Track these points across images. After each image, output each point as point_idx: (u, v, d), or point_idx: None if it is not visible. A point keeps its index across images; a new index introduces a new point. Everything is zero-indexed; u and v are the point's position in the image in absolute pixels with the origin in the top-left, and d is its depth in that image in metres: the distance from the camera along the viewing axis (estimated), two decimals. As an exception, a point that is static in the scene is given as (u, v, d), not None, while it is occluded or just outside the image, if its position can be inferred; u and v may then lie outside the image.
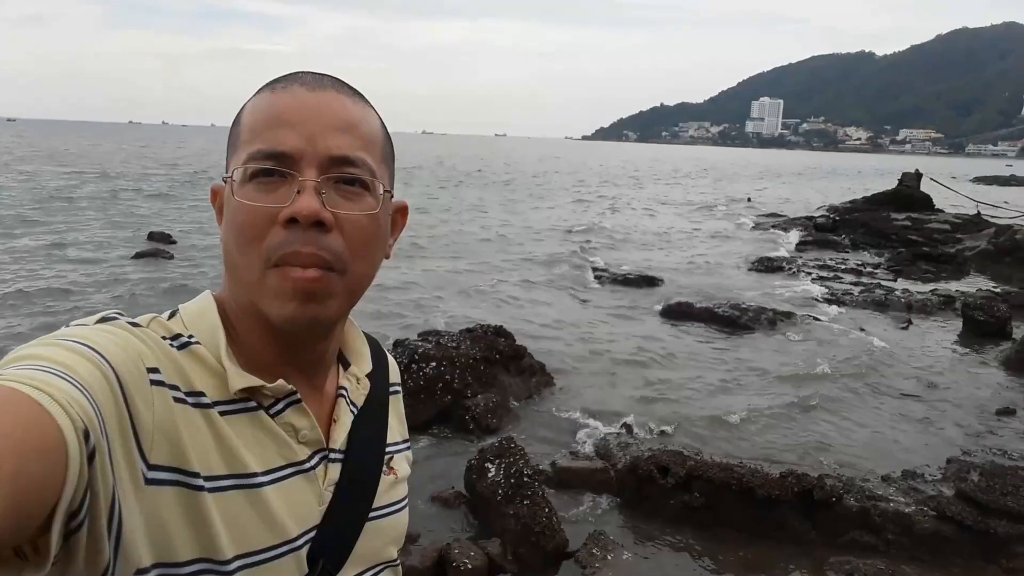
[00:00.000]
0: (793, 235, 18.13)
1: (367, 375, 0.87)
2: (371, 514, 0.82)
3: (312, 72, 0.77)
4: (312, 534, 0.75)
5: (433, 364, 5.83)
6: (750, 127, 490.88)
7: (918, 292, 11.33)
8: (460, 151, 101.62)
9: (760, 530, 4.27)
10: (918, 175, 21.58)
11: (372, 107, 0.80)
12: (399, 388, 0.96)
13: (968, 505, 4.19)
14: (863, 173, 69.61)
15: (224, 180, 0.75)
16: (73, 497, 0.51)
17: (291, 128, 0.72)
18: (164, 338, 0.71)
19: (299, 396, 0.76)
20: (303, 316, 0.72)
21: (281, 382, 0.75)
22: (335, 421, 0.81)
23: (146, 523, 0.63)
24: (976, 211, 19.32)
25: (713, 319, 9.32)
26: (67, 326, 0.66)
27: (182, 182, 28.97)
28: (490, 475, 4.22)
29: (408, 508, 0.91)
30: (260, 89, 0.77)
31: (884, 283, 12.36)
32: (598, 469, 4.87)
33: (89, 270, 11.20)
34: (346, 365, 0.87)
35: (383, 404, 0.90)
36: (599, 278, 12.20)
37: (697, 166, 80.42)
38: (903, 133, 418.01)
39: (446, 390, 5.76)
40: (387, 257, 0.81)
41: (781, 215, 23.43)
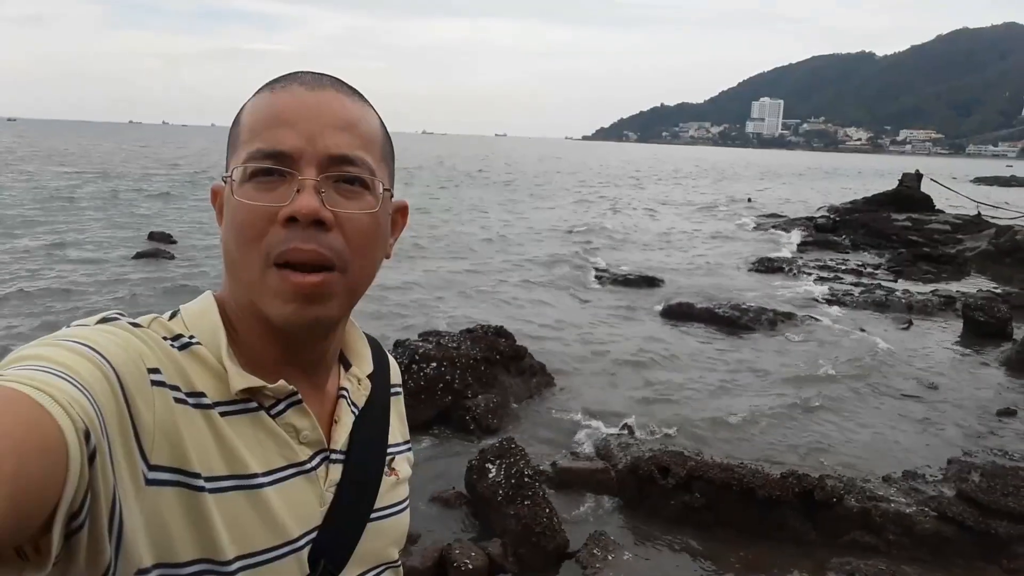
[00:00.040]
0: (794, 236, 18.10)
1: (368, 376, 0.87)
2: (372, 515, 0.82)
3: (311, 72, 0.77)
4: (313, 535, 0.75)
5: (434, 364, 5.84)
6: (750, 127, 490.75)
7: (919, 293, 11.33)
8: (460, 151, 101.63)
9: (761, 531, 4.27)
10: (918, 175, 21.59)
11: (371, 106, 0.80)
12: (400, 389, 0.96)
13: (969, 506, 4.19)
14: (863, 173, 69.61)
15: (224, 180, 0.75)
16: (74, 497, 0.51)
17: (290, 127, 0.72)
18: (165, 338, 0.71)
19: (300, 397, 0.76)
20: (304, 317, 0.72)
21: (282, 382, 0.75)
22: (336, 422, 0.81)
23: (147, 523, 0.63)
24: (976, 212, 19.32)
25: (714, 320, 9.33)
26: (68, 326, 0.66)
27: (182, 182, 28.97)
28: (491, 475, 4.22)
29: (409, 508, 0.91)
30: (260, 89, 0.77)
31: (884, 284, 12.36)
32: (599, 469, 4.87)
33: (89, 270, 11.20)
34: (347, 366, 0.87)
35: (384, 405, 0.90)
36: (600, 278, 12.20)
37: (698, 166, 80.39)
38: (903, 133, 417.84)
39: (447, 390, 5.76)
40: (387, 256, 0.81)
41: (781, 216, 23.42)
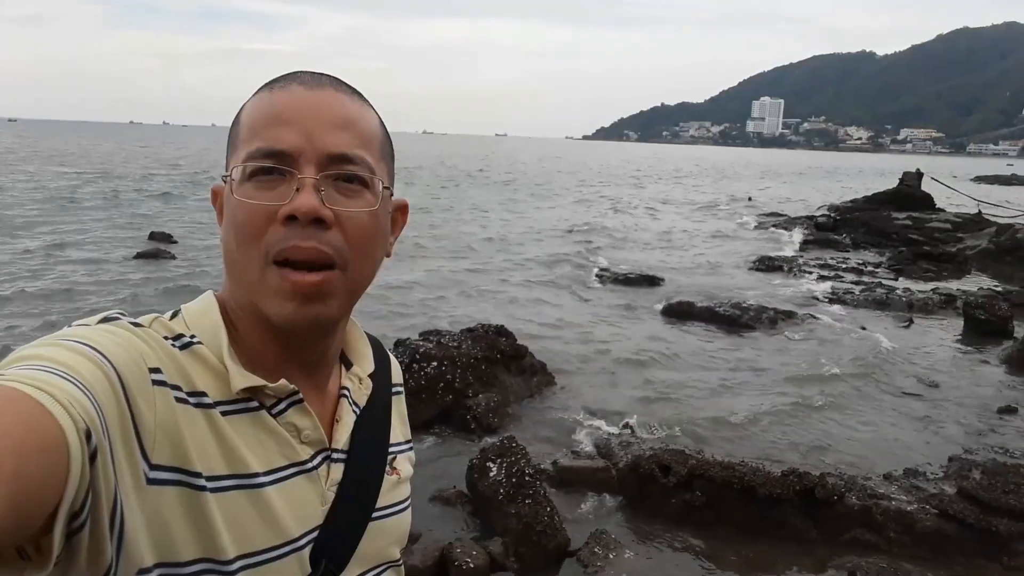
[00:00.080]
0: (794, 234, 18.09)
1: (370, 375, 0.87)
2: (374, 514, 0.82)
3: (310, 71, 0.77)
4: (315, 534, 0.75)
5: (434, 364, 5.83)
6: (751, 127, 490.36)
7: (919, 291, 11.32)
8: (461, 151, 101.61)
9: (762, 529, 4.27)
10: (919, 174, 21.57)
11: (370, 105, 0.80)
12: (401, 388, 0.96)
13: (970, 503, 4.19)
14: (864, 172, 69.56)
15: (224, 179, 0.76)
16: (75, 497, 0.51)
17: (289, 126, 0.72)
18: (166, 338, 0.71)
19: (301, 396, 0.76)
20: (304, 316, 0.72)
21: (283, 382, 0.74)
22: (337, 421, 0.81)
23: (148, 523, 0.63)
24: (977, 210, 19.31)
25: (714, 318, 9.32)
26: (69, 326, 0.66)
27: (183, 182, 28.96)
28: (492, 474, 4.22)
29: (411, 508, 0.91)
30: (259, 89, 0.78)
31: (885, 282, 12.35)
32: (600, 468, 4.86)
33: (90, 270, 11.20)
34: (348, 365, 0.87)
35: (386, 404, 0.90)
36: (600, 278, 12.20)
37: (698, 166, 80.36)
38: (904, 133, 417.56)
39: (447, 390, 5.76)
40: (388, 255, 0.81)
41: (782, 214, 23.40)
